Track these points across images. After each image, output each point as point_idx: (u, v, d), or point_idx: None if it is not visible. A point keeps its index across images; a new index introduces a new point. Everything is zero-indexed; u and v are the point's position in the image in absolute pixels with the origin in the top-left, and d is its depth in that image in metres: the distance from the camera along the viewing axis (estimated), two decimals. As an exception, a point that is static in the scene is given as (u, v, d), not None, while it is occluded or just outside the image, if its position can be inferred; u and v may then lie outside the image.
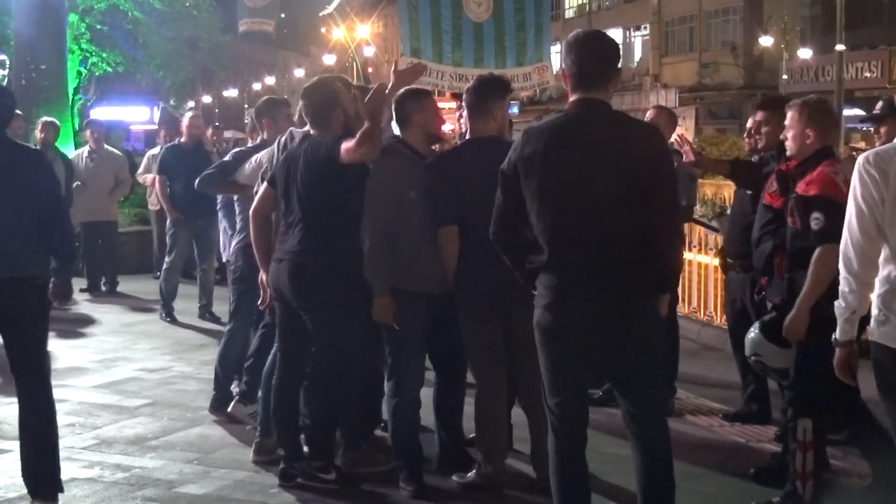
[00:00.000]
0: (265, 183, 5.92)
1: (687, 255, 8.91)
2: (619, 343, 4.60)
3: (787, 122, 5.82)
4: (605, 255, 4.51)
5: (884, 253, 4.26)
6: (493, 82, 5.99)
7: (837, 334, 4.35)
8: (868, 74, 28.63)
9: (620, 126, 4.72)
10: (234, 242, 7.11)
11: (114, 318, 11.01)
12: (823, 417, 5.75)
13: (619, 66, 4.81)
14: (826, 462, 6.09)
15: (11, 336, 5.94)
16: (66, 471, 6.20)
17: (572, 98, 4.58)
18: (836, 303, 4.34)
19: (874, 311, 4.26)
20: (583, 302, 4.55)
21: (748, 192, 6.92)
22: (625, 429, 4.82)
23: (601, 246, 4.52)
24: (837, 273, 4.51)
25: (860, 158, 4.35)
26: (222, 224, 7.62)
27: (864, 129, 31.84)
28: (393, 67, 6.21)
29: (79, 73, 19.72)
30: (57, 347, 7.82)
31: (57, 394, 6.90)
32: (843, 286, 4.28)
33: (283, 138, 6.08)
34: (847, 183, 5.12)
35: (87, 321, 11.36)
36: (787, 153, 6.05)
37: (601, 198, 4.52)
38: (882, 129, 5.93)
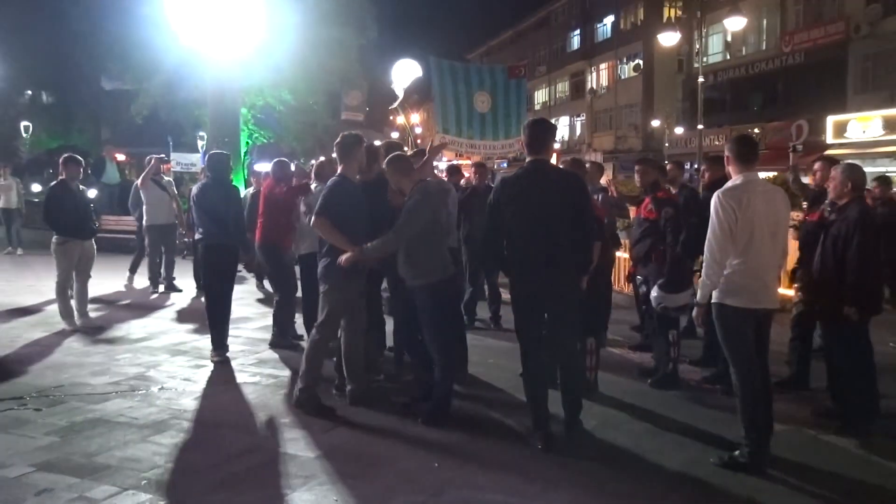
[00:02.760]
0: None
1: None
2: (556, 300, 5.00)
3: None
4: (550, 250, 4.89)
5: (732, 250, 4.61)
6: (351, 137, 5.79)
7: (700, 298, 4.76)
8: (717, 143, 29.59)
9: (557, 175, 5.15)
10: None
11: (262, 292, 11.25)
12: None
13: (555, 138, 5.32)
14: None
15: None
16: (239, 377, 6.70)
17: (528, 159, 5.08)
18: (701, 280, 4.73)
19: (721, 285, 4.64)
20: (538, 278, 4.94)
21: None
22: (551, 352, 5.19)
23: (548, 246, 4.90)
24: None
25: (717, 194, 4.65)
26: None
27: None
28: (429, 146, 6.25)
29: (247, 143, 20.27)
30: (235, 305, 8.13)
31: (232, 332, 7.70)
32: (709, 271, 4.59)
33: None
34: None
35: (253, 292, 11.71)
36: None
37: (548, 217, 4.91)
38: (706, 175, 6.30)
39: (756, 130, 31.29)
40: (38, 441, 4.97)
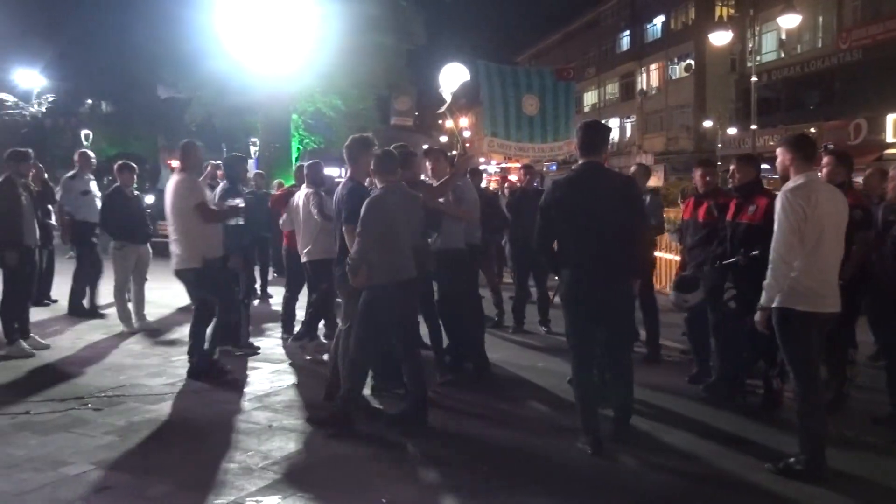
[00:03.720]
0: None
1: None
2: (610, 305, 4.95)
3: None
4: (603, 253, 4.85)
5: (800, 251, 4.43)
6: (359, 140, 5.76)
7: (765, 301, 4.52)
8: (771, 143, 28.80)
9: (609, 177, 5.13)
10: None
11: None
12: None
13: (609, 141, 4.90)
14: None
15: None
16: (289, 379, 6.75)
17: (580, 161, 5.06)
18: (767, 283, 4.50)
19: (785, 288, 4.43)
20: (590, 281, 4.88)
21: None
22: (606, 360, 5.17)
23: (601, 248, 4.85)
24: None
25: (784, 192, 4.45)
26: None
27: (769, 178, 31.82)
28: (457, 157, 6.18)
29: (298, 148, 20.55)
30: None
31: (282, 336, 8.18)
32: (777, 273, 4.39)
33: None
34: None
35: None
36: None
37: (600, 220, 4.86)
38: (737, 175, 6.12)
39: (812, 130, 30.74)
40: (98, 440, 5.08)
